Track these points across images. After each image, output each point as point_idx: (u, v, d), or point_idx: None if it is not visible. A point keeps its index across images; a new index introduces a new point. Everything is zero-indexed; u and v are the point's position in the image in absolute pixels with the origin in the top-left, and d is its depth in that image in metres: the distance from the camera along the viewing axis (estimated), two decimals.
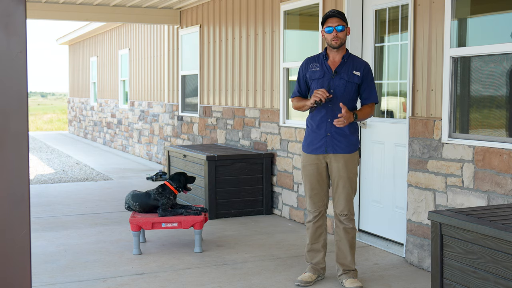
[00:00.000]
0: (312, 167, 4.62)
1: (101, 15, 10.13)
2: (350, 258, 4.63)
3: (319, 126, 4.56)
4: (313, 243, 4.73)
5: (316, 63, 4.62)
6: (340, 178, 4.56)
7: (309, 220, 4.73)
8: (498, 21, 4.68)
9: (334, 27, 4.46)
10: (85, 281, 4.80)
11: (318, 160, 4.60)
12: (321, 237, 4.71)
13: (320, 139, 4.56)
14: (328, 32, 4.49)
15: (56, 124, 29.98)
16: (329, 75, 4.55)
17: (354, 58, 4.62)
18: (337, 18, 4.47)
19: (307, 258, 4.78)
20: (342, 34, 4.48)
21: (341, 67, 4.55)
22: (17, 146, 1.56)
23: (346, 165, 4.54)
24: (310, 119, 4.65)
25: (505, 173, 4.32)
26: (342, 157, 4.54)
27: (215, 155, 7.18)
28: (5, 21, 1.51)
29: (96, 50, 18.02)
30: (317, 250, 4.73)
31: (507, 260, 3.02)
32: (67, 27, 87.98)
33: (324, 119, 4.53)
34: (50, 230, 6.53)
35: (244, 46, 8.14)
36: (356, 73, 4.52)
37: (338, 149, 4.54)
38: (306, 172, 4.66)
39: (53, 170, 11.63)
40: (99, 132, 17.85)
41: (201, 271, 5.06)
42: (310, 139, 4.63)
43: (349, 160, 4.56)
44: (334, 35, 4.47)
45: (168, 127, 11.06)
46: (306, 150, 4.66)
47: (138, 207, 5.73)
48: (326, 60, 4.59)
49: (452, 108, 4.79)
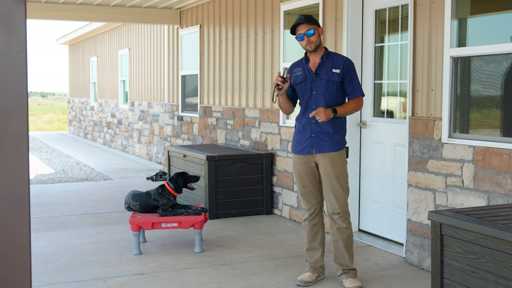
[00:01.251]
0: (301, 165, 4.70)
1: (101, 15, 10.13)
2: (347, 257, 4.66)
3: (305, 127, 4.67)
4: (310, 241, 4.78)
5: (299, 67, 4.74)
6: (327, 176, 4.61)
7: (305, 219, 4.79)
8: (498, 21, 4.68)
9: (304, 34, 4.57)
10: (85, 281, 4.80)
11: (307, 159, 4.68)
12: (317, 235, 4.76)
13: (305, 140, 4.66)
14: (300, 40, 4.61)
15: (56, 124, 29.99)
16: (310, 78, 4.65)
17: (333, 56, 4.69)
18: (305, 24, 4.57)
19: (306, 257, 4.82)
20: (314, 37, 4.59)
21: (320, 67, 4.64)
22: (17, 146, 1.56)
23: (332, 163, 4.60)
24: (297, 120, 4.76)
25: (505, 173, 4.32)
26: (328, 155, 4.61)
27: (215, 155, 7.18)
28: (5, 21, 1.51)
29: (96, 50, 18.02)
30: (314, 248, 4.77)
31: (507, 260, 3.02)
32: (67, 27, 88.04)
33: (309, 120, 4.63)
34: (50, 230, 6.53)
35: (244, 46, 8.14)
36: (335, 71, 4.60)
37: (323, 148, 4.62)
38: (296, 172, 4.75)
39: (53, 170, 11.63)
40: (99, 132, 17.85)
41: (201, 271, 5.06)
42: (297, 140, 4.74)
43: (335, 158, 4.62)
44: (307, 41, 4.59)
45: (168, 127, 11.06)
46: (293, 151, 4.77)
47: (139, 206, 5.73)
48: (307, 63, 4.71)
49: (452, 108, 4.79)
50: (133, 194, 5.81)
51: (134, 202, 5.75)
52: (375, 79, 5.98)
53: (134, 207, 5.76)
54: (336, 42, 6.23)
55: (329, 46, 6.32)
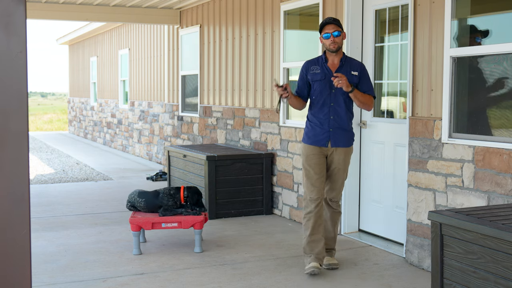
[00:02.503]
0: (315, 156, 4.97)
1: (101, 15, 10.13)
2: (333, 234, 5.12)
3: (322, 122, 4.96)
4: (314, 234, 4.92)
5: (317, 65, 5.03)
6: (339, 169, 4.99)
7: (310, 211, 4.93)
8: (498, 21, 4.68)
9: (331, 33, 4.87)
10: (85, 281, 4.80)
11: (321, 150, 4.98)
12: (321, 227, 4.97)
13: (323, 133, 4.96)
14: (326, 38, 4.91)
15: (56, 124, 29.99)
16: (329, 77, 4.91)
17: (350, 60, 5.04)
18: (333, 25, 4.89)
19: (307, 250, 4.95)
20: (338, 39, 4.90)
21: (340, 69, 4.94)
22: (17, 146, 1.56)
23: (345, 158, 5.00)
24: (314, 115, 5.02)
25: (505, 173, 4.32)
26: (343, 150, 4.98)
27: (215, 155, 7.18)
28: (5, 21, 1.51)
29: (96, 50, 18.02)
30: (318, 240, 4.93)
31: (507, 260, 3.02)
32: (67, 27, 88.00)
33: (327, 116, 4.95)
34: (50, 230, 6.53)
35: (244, 46, 8.14)
36: (354, 73, 4.93)
37: (339, 143, 4.96)
38: (310, 161, 4.98)
39: (53, 170, 11.63)
40: (99, 132, 17.85)
41: (201, 271, 5.06)
42: (313, 132, 5.00)
43: (348, 153, 5.04)
44: (332, 40, 4.89)
45: (168, 127, 11.06)
46: (308, 142, 5.02)
47: (144, 203, 5.68)
48: (326, 63, 5.00)
49: (452, 108, 4.79)
50: (139, 192, 5.77)
51: (140, 199, 5.70)
52: (375, 79, 5.98)
53: (138, 204, 5.70)
54: None
55: None
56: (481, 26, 4.81)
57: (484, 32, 4.70)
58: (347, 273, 4.97)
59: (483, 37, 4.67)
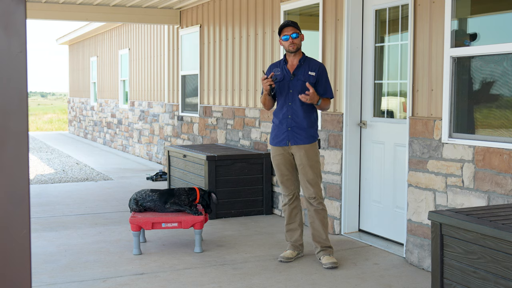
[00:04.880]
0: (279, 156, 5.26)
1: (101, 15, 10.13)
2: (324, 236, 5.22)
3: (281, 122, 5.20)
4: (290, 223, 5.38)
5: (278, 67, 5.27)
6: (303, 166, 5.17)
7: (285, 203, 5.37)
8: (498, 21, 4.68)
9: (290, 35, 5.13)
10: (85, 281, 4.80)
11: (284, 151, 5.23)
12: (297, 217, 5.37)
13: (282, 133, 5.20)
14: (285, 40, 5.16)
15: (56, 124, 29.99)
16: (288, 78, 5.18)
17: (310, 60, 5.24)
18: (292, 27, 5.15)
19: (287, 237, 5.41)
20: (297, 40, 5.15)
21: (298, 69, 5.18)
22: (17, 146, 1.56)
23: (306, 154, 5.16)
24: (275, 115, 5.28)
25: (505, 173, 4.32)
26: (303, 147, 5.17)
27: (215, 155, 7.18)
28: (5, 21, 1.51)
29: (96, 50, 18.02)
30: (294, 229, 5.37)
31: (507, 260, 3.02)
32: (67, 27, 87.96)
33: (285, 115, 5.18)
34: (50, 230, 6.53)
35: (244, 46, 8.14)
36: (311, 73, 5.14)
37: (298, 140, 5.16)
38: (275, 162, 5.30)
39: (53, 170, 11.63)
40: (99, 132, 17.85)
41: (201, 271, 5.06)
42: (274, 133, 5.28)
43: (309, 150, 5.18)
44: (290, 42, 5.14)
45: (168, 127, 11.06)
46: (272, 143, 5.30)
47: (157, 196, 5.64)
48: (285, 65, 5.25)
49: (452, 108, 4.79)
50: (152, 189, 5.77)
51: (153, 193, 5.68)
52: (375, 79, 5.98)
53: (149, 198, 5.62)
54: (336, 42, 6.23)
55: (329, 46, 6.33)
56: (481, 26, 4.81)
57: (472, 35, 4.71)
58: (347, 273, 4.97)
59: (472, 40, 4.68)
